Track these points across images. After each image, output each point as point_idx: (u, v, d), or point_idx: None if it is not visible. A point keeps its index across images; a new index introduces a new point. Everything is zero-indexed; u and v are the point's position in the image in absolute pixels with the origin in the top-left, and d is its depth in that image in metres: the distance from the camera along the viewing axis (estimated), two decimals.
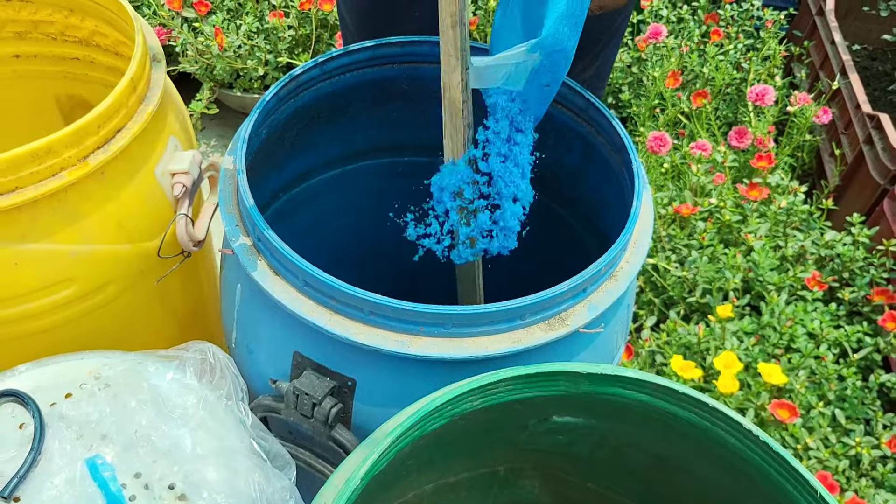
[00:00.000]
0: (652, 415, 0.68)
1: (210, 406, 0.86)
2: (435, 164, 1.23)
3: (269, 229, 0.77)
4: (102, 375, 0.89)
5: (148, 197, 0.96)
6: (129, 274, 0.97)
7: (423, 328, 0.75)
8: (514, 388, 0.66)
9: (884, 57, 2.08)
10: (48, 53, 1.20)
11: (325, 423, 0.80)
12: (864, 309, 1.41)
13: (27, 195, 0.83)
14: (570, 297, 0.78)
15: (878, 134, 1.59)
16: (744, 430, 0.63)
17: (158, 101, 0.95)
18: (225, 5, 1.89)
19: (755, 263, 1.40)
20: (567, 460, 0.82)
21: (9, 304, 0.89)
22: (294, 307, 0.76)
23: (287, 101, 0.97)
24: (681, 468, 0.75)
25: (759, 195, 1.48)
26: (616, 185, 0.99)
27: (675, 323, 1.32)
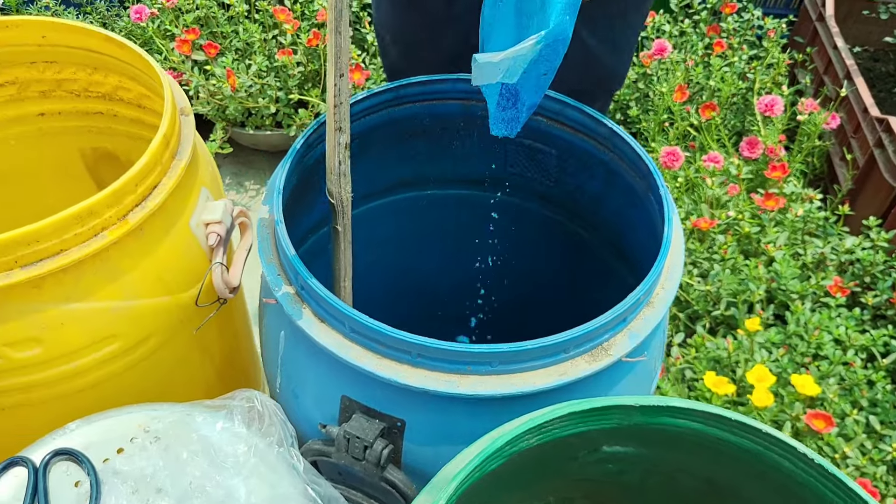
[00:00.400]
0: (703, 441, 0.69)
1: (261, 453, 0.87)
2: (456, 196, 1.26)
3: (313, 278, 0.79)
4: (152, 429, 0.90)
5: (184, 249, 0.97)
6: (169, 325, 0.98)
7: (470, 367, 0.76)
8: (568, 423, 0.67)
9: (886, 58, 2.10)
10: (72, 109, 1.22)
11: (377, 464, 0.81)
12: (889, 312, 1.42)
13: (72, 257, 0.84)
14: (612, 327, 0.79)
15: (889, 137, 1.61)
16: (798, 454, 0.64)
17: (190, 154, 0.97)
18: (233, 45, 1.92)
19: (777, 273, 1.41)
20: (617, 488, 0.83)
21: (56, 363, 0.90)
22: (342, 353, 0.78)
23: (316, 146, 0.99)
24: (732, 492, 0.76)
25: (775, 205, 1.49)
26: (642, 210, 1.01)
27: (703, 338, 1.33)
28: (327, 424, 0.84)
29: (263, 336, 0.96)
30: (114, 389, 0.97)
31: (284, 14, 1.84)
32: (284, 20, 1.84)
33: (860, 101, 1.72)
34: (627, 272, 1.15)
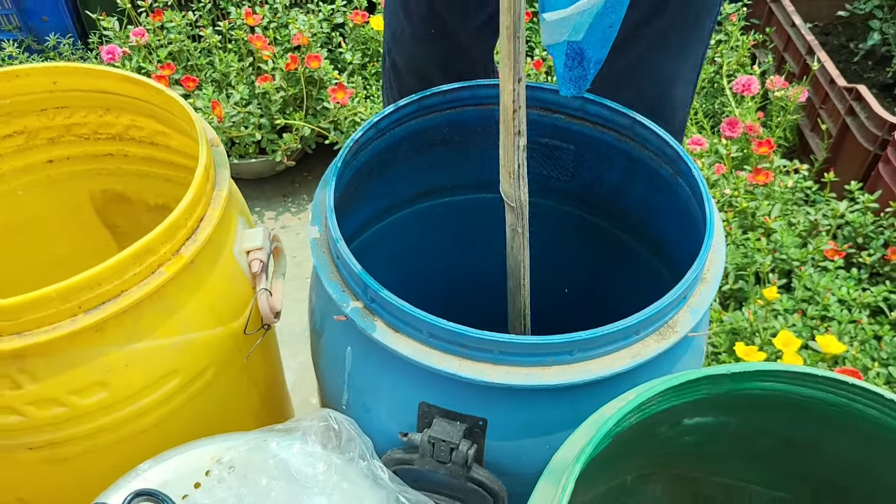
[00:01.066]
0: (788, 401, 0.73)
1: (342, 470, 0.88)
2: (475, 200, 1.28)
3: (386, 290, 0.80)
4: (225, 459, 0.91)
5: (231, 278, 0.98)
6: (222, 356, 0.99)
7: (551, 358, 0.78)
8: (663, 399, 0.70)
9: (835, 31, 2.20)
10: (81, 153, 1.21)
11: (463, 465, 0.83)
12: (885, 269, 1.49)
13: (133, 297, 0.84)
14: (676, 304, 0.83)
15: (860, 105, 1.69)
16: (885, 401, 0.68)
17: (228, 184, 0.97)
18: (209, 77, 1.92)
19: (777, 243, 1.47)
20: (694, 459, 0.87)
21: (121, 405, 0.90)
22: (422, 359, 0.79)
23: (349, 165, 1.00)
24: (810, 448, 0.80)
25: (765, 179, 1.55)
26: (668, 194, 1.04)
27: (720, 312, 1.38)
28: (407, 433, 0.85)
29: (322, 356, 0.96)
30: (174, 426, 0.97)
31: (261, 41, 1.84)
32: (261, 47, 1.84)
33: (826, 73, 1.81)
34: (651, 256, 1.18)
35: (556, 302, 1.40)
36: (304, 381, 1.68)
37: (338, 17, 2.02)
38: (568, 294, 1.35)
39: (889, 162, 1.59)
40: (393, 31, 1.29)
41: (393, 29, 1.29)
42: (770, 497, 0.89)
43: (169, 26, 1.92)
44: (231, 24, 1.94)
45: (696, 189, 0.95)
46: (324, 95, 1.89)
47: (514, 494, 0.87)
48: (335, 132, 1.89)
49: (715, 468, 0.88)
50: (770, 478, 0.87)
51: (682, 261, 0.96)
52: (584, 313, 1.13)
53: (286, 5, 1.99)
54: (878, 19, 1.93)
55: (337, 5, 2.02)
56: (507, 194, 0.93)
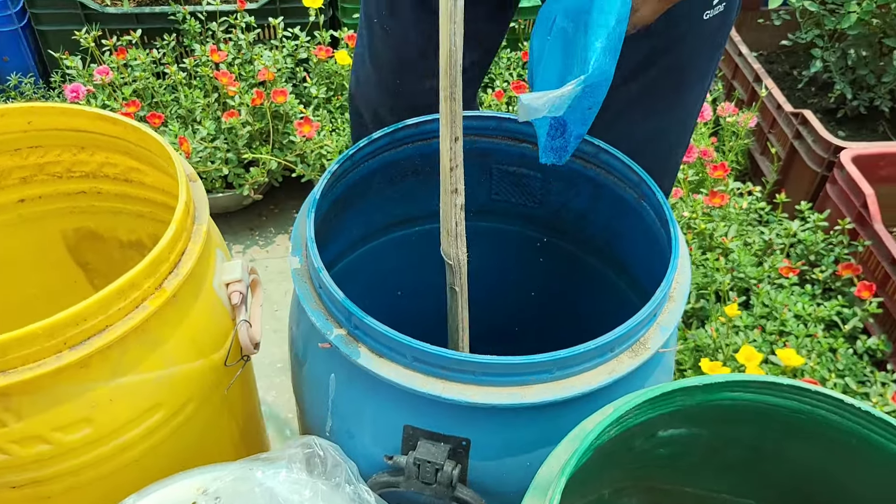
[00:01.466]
0: (755, 411, 0.77)
1: (328, 496, 0.89)
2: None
3: (369, 317, 0.83)
4: (210, 490, 0.91)
5: (211, 311, 0.99)
6: (203, 388, 1.00)
7: (532, 377, 0.81)
8: (640, 411, 0.74)
9: (779, 60, 2.31)
10: (53, 192, 1.22)
11: (448, 485, 0.85)
12: (837, 284, 1.56)
13: (117, 332, 0.85)
14: (646, 323, 0.87)
15: (806, 129, 1.77)
16: (845, 405, 0.73)
17: (207, 218, 0.99)
18: (175, 113, 1.93)
19: (735, 263, 1.53)
20: (667, 471, 0.90)
21: (106, 440, 0.90)
22: (407, 383, 0.82)
23: (327, 196, 1.03)
24: (777, 456, 0.84)
25: (721, 201, 1.62)
26: (633, 217, 1.09)
27: (683, 331, 1.43)
28: (392, 455, 0.88)
29: (305, 384, 0.98)
30: (156, 461, 0.98)
31: (226, 77, 1.87)
32: (227, 83, 1.86)
33: (773, 100, 1.89)
34: (617, 278, 1.23)
35: (527, 324, 1.44)
36: (277, 414, 1.68)
37: (302, 52, 2.05)
38: (539, 316, 1.39)
39: (835, 182, 1.67)
40: (358, 77, 1.32)
41: (358, 75, 1.32)
42: None
43: (133, 64, 1.93)
44: (196, 61, 1.96)
45: (661, 212, 0.99)
46: (290, 129, 1.92)
47: None
48: (302, 165, 1.91)
49: (687, 479, 0.91)
50: (740, 487, 0.91)
51: (649, 281, 1.01)
52: (555, 334, 1.17)
53: (250, 42, 2.02)
54: (819, 48, 2.04)
55: (301, 41, 2.05)
56: (445, 253, 0.95)
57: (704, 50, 1.13)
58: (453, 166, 0.88)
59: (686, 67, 1.14)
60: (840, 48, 2.02)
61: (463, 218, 0.92)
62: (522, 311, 1.41)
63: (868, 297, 1.48)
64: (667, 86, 1.14)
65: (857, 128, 2.02)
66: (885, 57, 1.94)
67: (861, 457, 0.75)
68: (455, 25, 0.80)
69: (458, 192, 0.89)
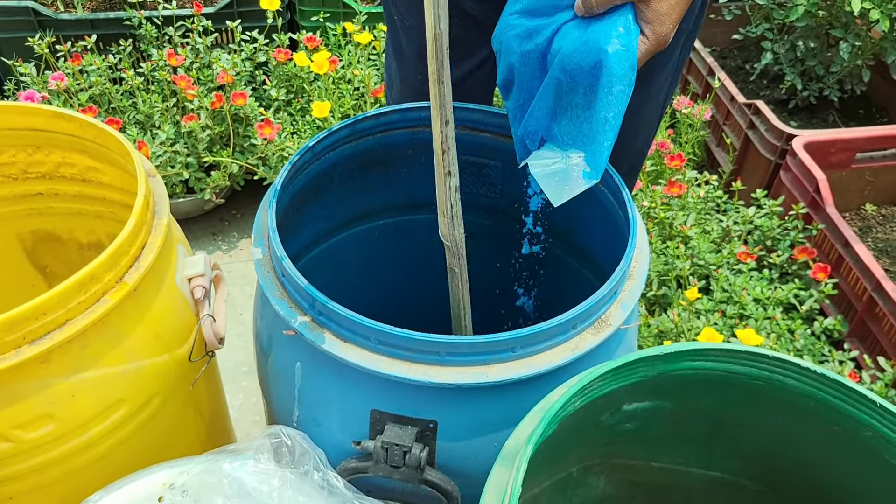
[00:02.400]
0: (716, 379, 0.79)
1: (296, 485, 0.89)
2: (409, 221, 1.32)
3: (333, 302, 0.83)
4: (177, 484, 0.91)
5: (174, 305, 0.99)
6: (168, 383, 0.99)
7: (495, 356, 0.82)
8: (604, 382, 0.75)
9: (731, 55, 2.36)
10: (8, 194, 1.20)
11: (416, 468, 0.85)
12: (793, 268, 1.60)
13: (78, 326, 0.84)
14: (608, 300, 0.88)
15: (759, 119, 1.81)
16: (801, 369, 0.75)
17: (167, 212, 0.99)
18: (133, 119, 1.91)
19: (694, 250, 1.56)
20: (632, 446, 0.92)
21: (69, 437, 0.89)
22: (371, 366, 0.82)
23: (287, 189, 1.03)
24: (738, 424, 0.86)
25: (679, 191, 1.65)
26: (593, 203, 1.10)
27: (647, 317, 1.45)
28: (360, 441, 0.88)
29: (271, 375, 0.98)
30: (121, 457, 0.96)
31: (185, 81, 1.85)
32: (185, 87, 1.85)
33: (727, 92, 1.93)
34: (580, 265, 1.24)
35: (495, 318, 1.45)
36: (244, 417, 1.67)
37: (260, 55, 2.05)
38: (508, 309, 1.40)
39: (789, 169, 1.71)
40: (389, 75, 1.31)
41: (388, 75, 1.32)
42: (707, 477, 0.94)
43: (89, 70, 1.91)
44: (153, 66, 1.95)
45: (619, 195, 1.01)
46: (251, 132, 1.91)
47: (465, 496, 0.90)
48: (264, 168, 1.91)
49: (654, 454, 0.93)
50: (706, 459, 0.92)
51: (610, 267, 1.02)
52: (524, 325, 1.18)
53: (208, 46, 2.01)
54: (769, 40, 2.08)
55: (259, 44, 2.05)
56: (443, 235, 0.96)
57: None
58: (445, 149, 0.89)
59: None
60: (789, 40, 2.07)
61: (458, 199, 0.93)
62: (490, 304, 1.42)
63: (823, 279, 1.52)
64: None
65: (809, 118, 2.07)
66: (833, 48, 2.00)
67: (818, 419, 0.77)
68: (439, 10, 0.81)
69: (451, 174, 0.91)
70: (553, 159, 0.88)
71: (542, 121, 0.88)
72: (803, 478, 0.86)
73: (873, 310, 1.48)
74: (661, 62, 1.13)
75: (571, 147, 0.87)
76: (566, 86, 0.84)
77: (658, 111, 1.22)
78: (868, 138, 1.74)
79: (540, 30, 0.85)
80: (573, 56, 0.82)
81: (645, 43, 0.83)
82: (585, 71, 0.82)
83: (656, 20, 0.82)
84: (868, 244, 1.75)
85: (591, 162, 0.85)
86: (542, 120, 0.88)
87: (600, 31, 0.81)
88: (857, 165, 1.78)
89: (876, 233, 1.80)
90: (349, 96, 2.03)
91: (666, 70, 1.15)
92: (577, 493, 0.96)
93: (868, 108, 2.12)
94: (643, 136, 1.24)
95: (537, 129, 0.89)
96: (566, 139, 0.87)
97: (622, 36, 0.81)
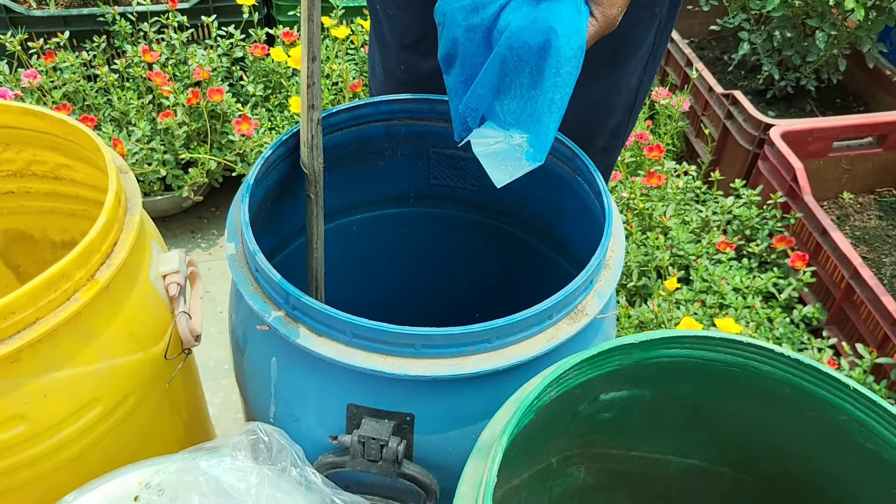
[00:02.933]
0: (692, 367, 0.79)
1: (274, 481, 0.88)
2: (386, 215, 1.32)
3: (307, 296, 0.82)
4: (153, 483, 0.90)
5: (148, 302, 0.98)
6: (143, 382, 0.98)
7: (471, 347, 0.82)
8: (579, 371, 0.75)
9: (709, 45, 2.37)
10: None
11: (394, 461, 0.85)
12: (772, 257, 1.61)
13: (48, 324, 0.83)
14: (583, 289, 0.88)
15: (737, 109, 1.82)
16: (776, 355, 0.75)
17: (140, 209, 0.97)
18: (109, 116, 1.89)
19: (674, 240, 1.56)
20: (611, 436, 0.91)
21: (42, 438, 0.88)
22: (347, 360, 0.82)
23: (261, 184, 1.02)
24: (715, 411, 0.86)
25: (658, 181, 1.65)
26: (569, 194, 1.10)
27: (627, 308, 1.45)
28: (337, 435, 0.87)
29: (247, 371, 0.97)
30: (97, 458, 0.95)
31: (160, 77, 1.84)
32: (161, 83, 1.83)
33: (704, 82, 1.94)
34: (557, 255, 1.24)
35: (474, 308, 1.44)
36: (225, 416, 1.66)
37: (237, 51, 2.03)
38: (486, 300, 1.39)
39: (766, 159, 1.71)
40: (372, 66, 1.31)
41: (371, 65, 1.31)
42: (685, 465, 0.94)
43: (62, 67, 1.89)
44: (128, 63, 1.93)
45: (594, 185, 1.01)
46: (228, 128, 1.90)
47: (444, 488, 0.90)
48: (242, 164, 1.89)
49: (633, 443, 0.93)
50: (683, 447, 0.93)
51: (587, 256, 1.02)
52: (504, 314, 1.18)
53: (184, 41, 1.99)
54: (746, 31, 2.09)
55: (235, 39, 2.03)
56: (303, 163, 1.00)
57: (644, 18, 1.15)
58: (310, 83, 0.92)
59: (623, 37, 1.15)
60: (766, 31, 2.08)
61: (319, 132, 0.97)
62: (469, 295, 1.42)
63: (802, 267, 1.53)
64: (602, 56, 1.15)
65: (786, 107, 2.08)
66: (809, 38, 2.01)
67: (793, 404, 0.77)
68: None
69: (314, 108, 0.95)
70: (496, 139, 0.87)
71: (485, 98, 0.87)
72: (780, 463, 0.87)
73: (851, 297, 1.49)
74: (633, 47, 1.14)
75: (514, 127, 0.86)
76: (512, 64, 0.83)
77: (631, 95, 1.22)
78: (845, 127, 1.75)
79: (487, 4, 0.83)
80: (521, 34, 0.81)
81: (594, 25, 0.82)
82: (533, 50, 0.81)
83: (605, 2, 0.81)
84: (846, 232, 1.76)
85: (534, 143, 0.84)
86: (485, 98, 0.87)
87: (550, 9, 0.80)
88: (834, 154, 1.79)
89: (853, 221, 1.82)
90: (327, 91, 2.02)
91: (638, 55, 1.15)
92: (558, 483, 0.96)
93: (845, 98, 2.13)
94: (616, 119, 1.25)
95: (479, 106, 0.88)
96: (509, 118, 0.86)
97: (572, 16, 0.80)
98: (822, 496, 0.85)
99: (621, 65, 1.16)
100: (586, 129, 1.22)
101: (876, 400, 0.71)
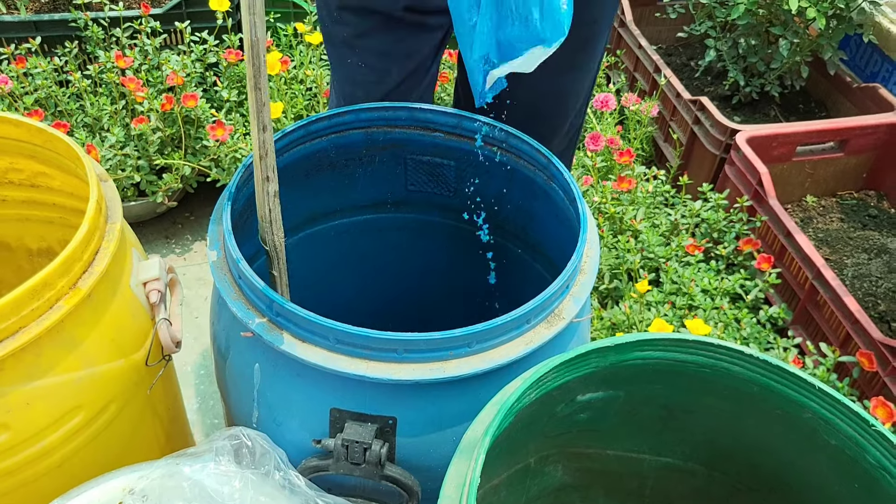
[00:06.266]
0: (666, 368, 0.82)
1: (257, 485, 0.90)
2: (363, 221, 1.33)
3: (290, 303, 0.84)
4: (137, 489, 0.90)
5: (130, 310, 0.98)
6: (125, 389, 0.98)
7: (452, 352, 0.84)
8: (558, 374, 0.77)
9: (676, 52, 2.42)
10: None
11: (377, 464, 0.87)
12: (739, 259, 1.65)
13: (31, 333, 0.84)
14: (560, 294, 0.90)
15: (704, 114, 1.86)
16: (745, 356, 0.78)
17: (120, 216, 0.98)
18: (81, 122, 1.88)
19: (644, 243, 1.60)
20: (587, 435, 0.94)
21: (25, 446, 0.88)
22: (331, 365, 0.83)
23: (242, 191, 1.03)
24: (687, 411, 0.89)
25: (628, 186, 1.69)
26: (544, 199, 1.13)
27: (599, 310, 1.49)
28: (321, 439, 0.89)
29: (229, 377, 0.98)
30: (79, 465, 0.96)
31: (134, 83, 1.83)
32: (135, 89, 1.83)
33: (672, 88, 1.98)
34: (533, 260, 1.27)
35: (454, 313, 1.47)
36: (202, 420, 1.66)
37: (211, 56, 2.03)
38: (465, 305, 1.42)
39: (733, 163, 1.76)
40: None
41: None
42: (660, 464, 0.97)
43: (34, 72, 1.87)
44: (101, 68, 1.92)
45: (569, 191, 1.04)
46: (202, 134, 1.90)
47: (426, 490, 0.92)
48: (217, 169, 1.89)
49: (609, 442, 0.96)
50: (658, 446, 0.95)
51: (562, 262, 1.05)
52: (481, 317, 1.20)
53: (157, 47, 1.99)
54: (713, 38, 2.14)
55: (209, 45, 2.03)
56: (262, 239, 0.96)
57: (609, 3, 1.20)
58: (263, 154, 0.88)
59: (598, 21, 1.19)
60: (731, 38, 2.13)
61: (277, 204, 0.93)
62: (448, 300, 1.44)
63: (767, 269, 1.57)
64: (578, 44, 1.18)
65: (751, 112, 2.13)
66: (773, 45, 2.06)
67: (761, 403, 0.81)
68: (255, 17, 0.79)
69: (269, 179, 0.90)
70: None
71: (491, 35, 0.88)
72: (750, 460, 0.90)
73: (815, 298, 1.53)
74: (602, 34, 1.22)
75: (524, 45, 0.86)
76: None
77: (593, 76, 1.29)
78: (808, 132, 1.80)
79: None
80: None
81: None
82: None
83: None
84: (809, 234, 1.81)
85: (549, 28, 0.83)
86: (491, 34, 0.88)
87: None
88: (797, 158, 1.84)
89: (816, 223, 1.87)
90: (301, 97, 2.03)
91: (604, 40, 1.24)
92: (536, 482, 0.99)
93: (807, 103, 2.19)
94: (581, 100, 1.30)
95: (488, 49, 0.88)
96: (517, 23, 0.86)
97: None
98: (789, 491, 0.88)
99: (591, 51, 1.22)
100: (561, 115, 1.27)
101: (839, 398, 0.74)
